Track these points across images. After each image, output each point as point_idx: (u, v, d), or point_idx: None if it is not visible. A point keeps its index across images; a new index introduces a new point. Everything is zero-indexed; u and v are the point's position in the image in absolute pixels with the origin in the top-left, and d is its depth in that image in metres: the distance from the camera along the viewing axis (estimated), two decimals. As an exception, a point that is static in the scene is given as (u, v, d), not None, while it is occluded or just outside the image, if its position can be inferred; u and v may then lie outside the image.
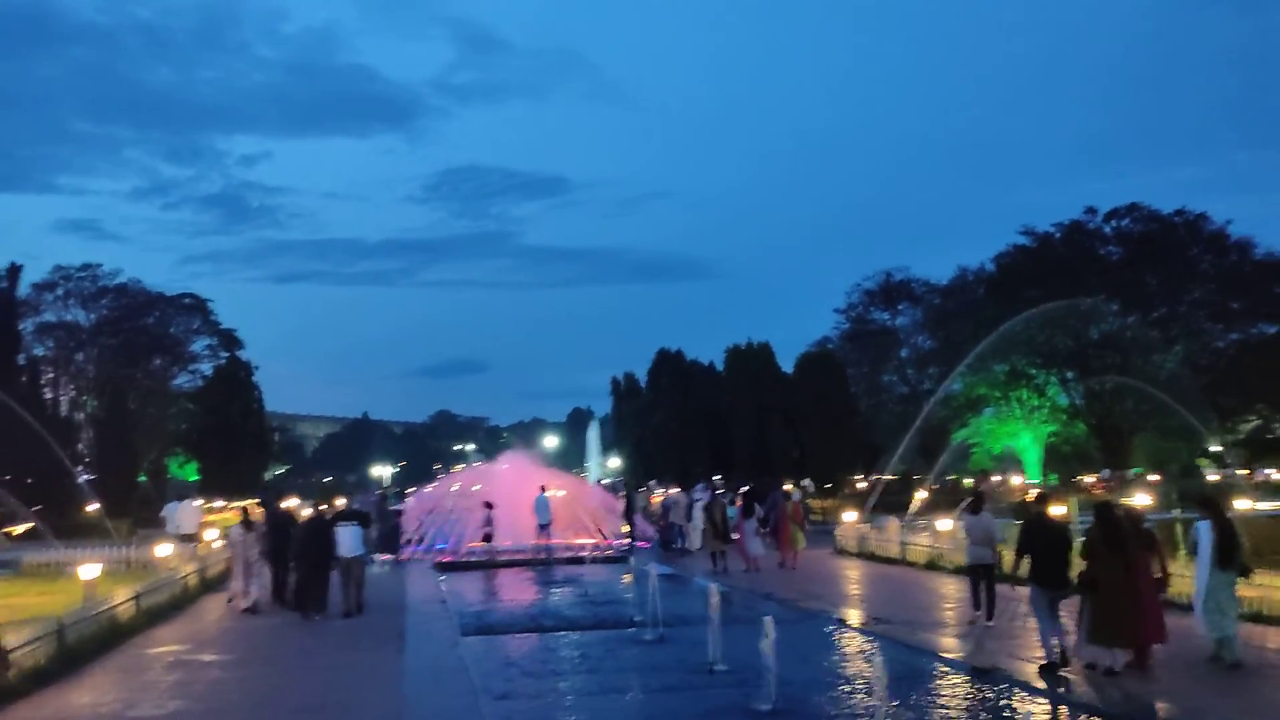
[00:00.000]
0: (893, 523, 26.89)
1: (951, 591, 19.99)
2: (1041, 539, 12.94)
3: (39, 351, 62.44)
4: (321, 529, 19.11)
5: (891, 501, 39.71)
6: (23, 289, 61.22)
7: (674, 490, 32.99)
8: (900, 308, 69.78)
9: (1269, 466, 69.36)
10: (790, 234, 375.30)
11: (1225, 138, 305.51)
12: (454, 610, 19.31)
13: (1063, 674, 12.12)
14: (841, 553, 27.98)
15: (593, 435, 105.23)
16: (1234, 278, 62.85)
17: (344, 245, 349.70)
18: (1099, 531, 12.55)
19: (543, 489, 30.85)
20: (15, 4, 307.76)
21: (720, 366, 68.33)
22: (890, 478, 75.65)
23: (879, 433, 69.03)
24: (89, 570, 17.76)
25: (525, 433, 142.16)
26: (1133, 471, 61.98)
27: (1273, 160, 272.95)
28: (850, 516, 29.42)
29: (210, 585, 23.70)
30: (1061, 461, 65.99)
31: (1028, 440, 66.06)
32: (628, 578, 24.47)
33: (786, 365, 66.85)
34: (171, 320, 71.65)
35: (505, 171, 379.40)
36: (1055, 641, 12.62)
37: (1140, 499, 28.34)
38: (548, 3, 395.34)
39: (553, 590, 23.41)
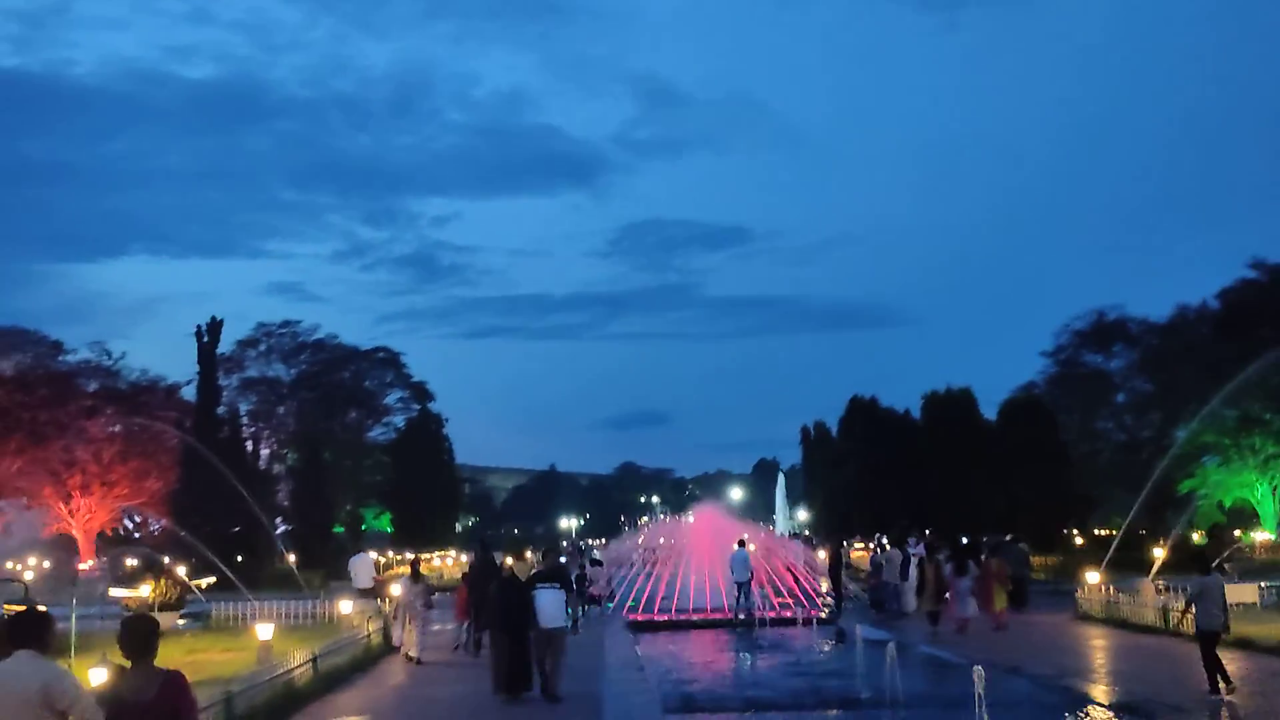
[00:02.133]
0: (1147, 585, 23.49)
1: (1238, 670, 16.75)
2: None
3: (243, 406, 63.94)
4: (520, 592, 15.33)
5: (1122, 559, 35.85)
6: (228, 346, 63.07)
7: (885, 545, 30.09)
8: (1115, 349, 64.71)
9: None
10: (985, 276, 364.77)
11: None
12: (653, 680, 17.16)
13: None
14: (1085, 618, 24.62)
15: (780, 487, 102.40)
16: None
17: (531, 301, 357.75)
18: None
19: (740, 543, 28.54)
20: (227, 83, 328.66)
21: (917, 414, 64.70)
22: (1104, 533, 70.44)
23: (1093, 483, 64.04)
24: (264, 630, 16.36)
25: (710, 485, 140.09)
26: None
27: None
28: (1093, 577, 26.01)
29: (395, 646, 22.28)
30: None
31: (1264, 491, 60.12)
32: (835, 643, 22.00)
33: (988, 412, 62.74)
34: (366, 374, 72.68)
35: (687, 223, 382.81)
36: None
37: None
38: (726, 54, 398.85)
39: (759, 656, 21.04)
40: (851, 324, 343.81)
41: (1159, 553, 35.24)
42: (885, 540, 32.65)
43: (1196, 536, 55.79)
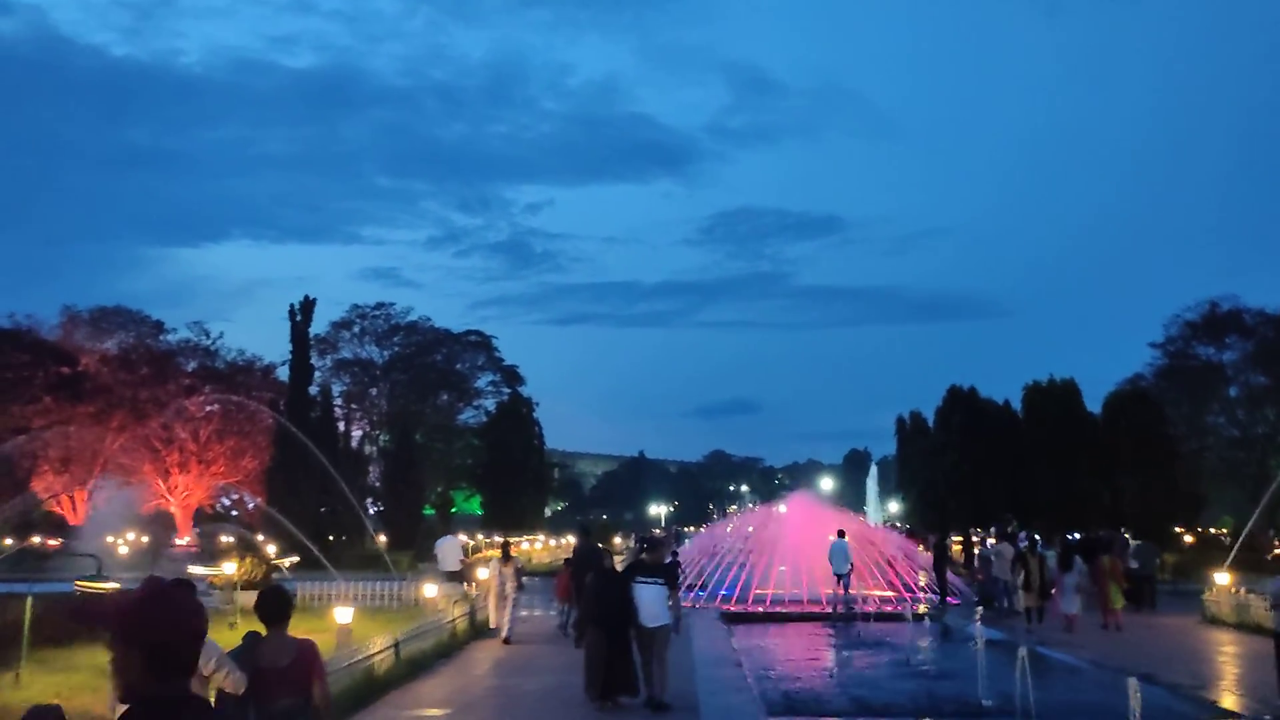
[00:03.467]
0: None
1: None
2: None
3: (336, 387, 64.05)
4: (619, 586, 13.74)
5: (1245, 560, 33.60)
6: (322, 328, 63.18)
7: (994, 539, 28.35)
8: (1228, 340, 61.56)
9: None
10: (1088, 266, 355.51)
11: None
12: (753, 678, 15.91)
13: None
14: (1213, 621, 22.77)
15: (872, 478, 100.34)
16: None
17: (622, 288, 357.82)
18: None
19: (840, 533, 27.09)
20: (326, 72, 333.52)
21: (1017, 406, 62.24)
22: (1214, 532, 67.27)
23: (1202, 480, 61.05)
24: (344, 613, 15.45)
25: (800, 474, 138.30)
26: None
27: None
28: (1222, 578, 24.07)
29: (481, 630, 21.35)
30: None
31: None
32: (942, 641, 20.54)
33: (1093, 405, 60.07)
34: (458, 357, 72.44)
35: (779, 212, 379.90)
36: None
37: None
38: (819, 42, 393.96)
39: (863, 654, 19.65)
40: (945, 315, 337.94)
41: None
42: (996, 534, 30.74)
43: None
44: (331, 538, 45.37)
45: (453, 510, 73.09)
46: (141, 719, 2.48)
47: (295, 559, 33.55)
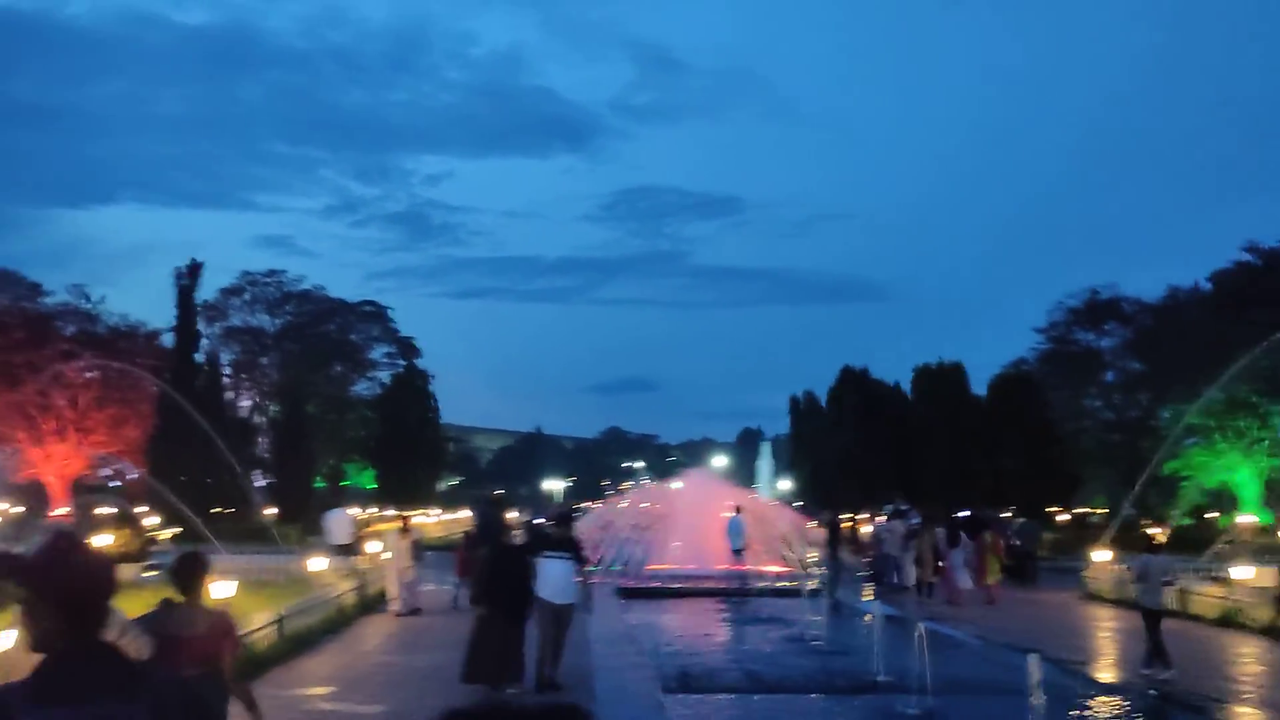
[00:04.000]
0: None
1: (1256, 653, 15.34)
2: None
3: (225, 356, 62.03)
4: (518, 560, 12.73)
5: (1122, 539, 34.47)
6: (211, 293, 61.07)
7: (885, 517, 28.56)
8: (1107, 327, 63.35)
9: None
10: (978, 253, 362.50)
11: None
12: (648, 654, 15.62)
13: None
14: (1093, 597, 23.21)
15: (764, 456, 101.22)
16: None
17: (522, 263, 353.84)
18: None
19: (737, 509, 27.01)
20: (220, 30, 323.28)
21: (907, 387, 63.31)
22: (1087, 512, 69.33)
23: (1080, 462, 62.85)
24: (224, 588, 14.70)
25: (694, 452, 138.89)
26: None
27: None
28: (1103, 556, 24.58)
29: (370, 605, 20.71)
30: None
31: (1246, 475, 58.95)
32: (836, 617, 20.54)
33: (979, 387, 61.39)
34: (352, 327, 70.79)
35: (680, 191, 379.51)
36: None
37: None
38: (725, 23, 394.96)
39: (759, 629, 19.53)
40: (840, 298, 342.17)
41: (1156, 532, 33.92)
42: (888, 511, 30.98)
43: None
44: (218, 510, 43.90)
45: (345, 483, 71.68)
46: (53, 668, 2.54)
47: (177, 531, 32.30)
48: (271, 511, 46.90)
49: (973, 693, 12.90)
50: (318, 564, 21.54)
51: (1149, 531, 17.87)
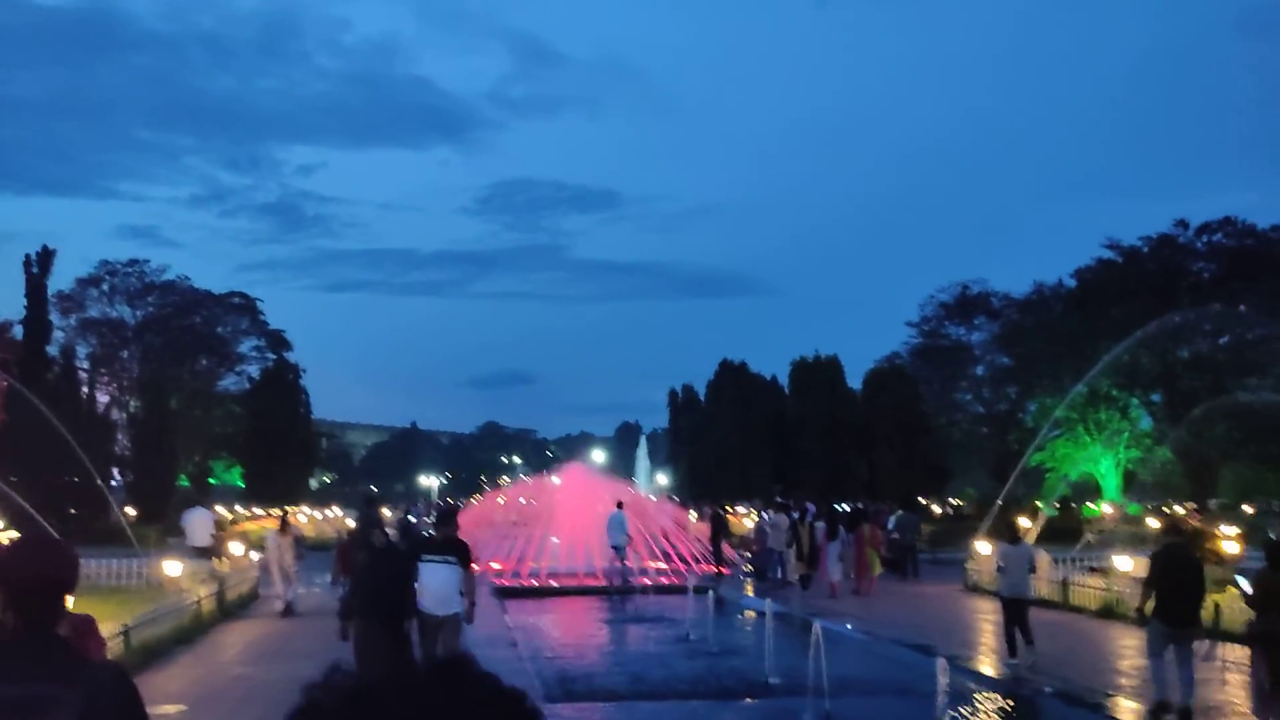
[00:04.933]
0: (1043, 557, 21.98)
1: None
2: (1169, 571, 11.27)
3: (82, 349, 58.70)
4: (396, 567, 11.08)
5: (996, 530, 34.86)
6: (67, 283, 57.74)
7: (769, 511, 28.08)
8: (977, 322, 64.54)
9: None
10: (853, 248, 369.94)
11: None
12: (528, 659, 14.72)
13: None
14: (974, 589, 23.08)
15: (642, 450, 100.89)
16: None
17: (397, 255, 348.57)
18: (1273, 573, 10.30)
19: (619, 505, 26.22)
20: (80, 12, 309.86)
21: (784, 381, 63.55)
22: (957, 503, 70.71)
23: (950, 454, 63.96)
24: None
25: (572, 446, 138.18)
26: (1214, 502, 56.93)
27: None
28: (984, 547, 24.53)
29: (231, 610, 19.31)
30: (1142, 490, 60.67)
31: (1107, 466, 60.74)
32: (721, 614, 19.92)
33: (855, 381, 61.99)
34: (219, 320, 67.69)
35: (557, 184, 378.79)
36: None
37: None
38: (602, 17, 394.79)
39: (642, 630, 18.80)
40: (718, 292, 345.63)
41: (1025, 523, 34.34)
42: (772, 505, 30.50)
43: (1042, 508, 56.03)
44: (73, 511, 41.37)
45: (211, 481, 68.76)
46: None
47: (14, 534, 30.04)
48: (130, 512, 44.43)
49: (867, 693, 12.33)
50: (173, 568, 20.02)
51: (1014, 522, 17.83)
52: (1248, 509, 55.70)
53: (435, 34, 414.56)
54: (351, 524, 39.57)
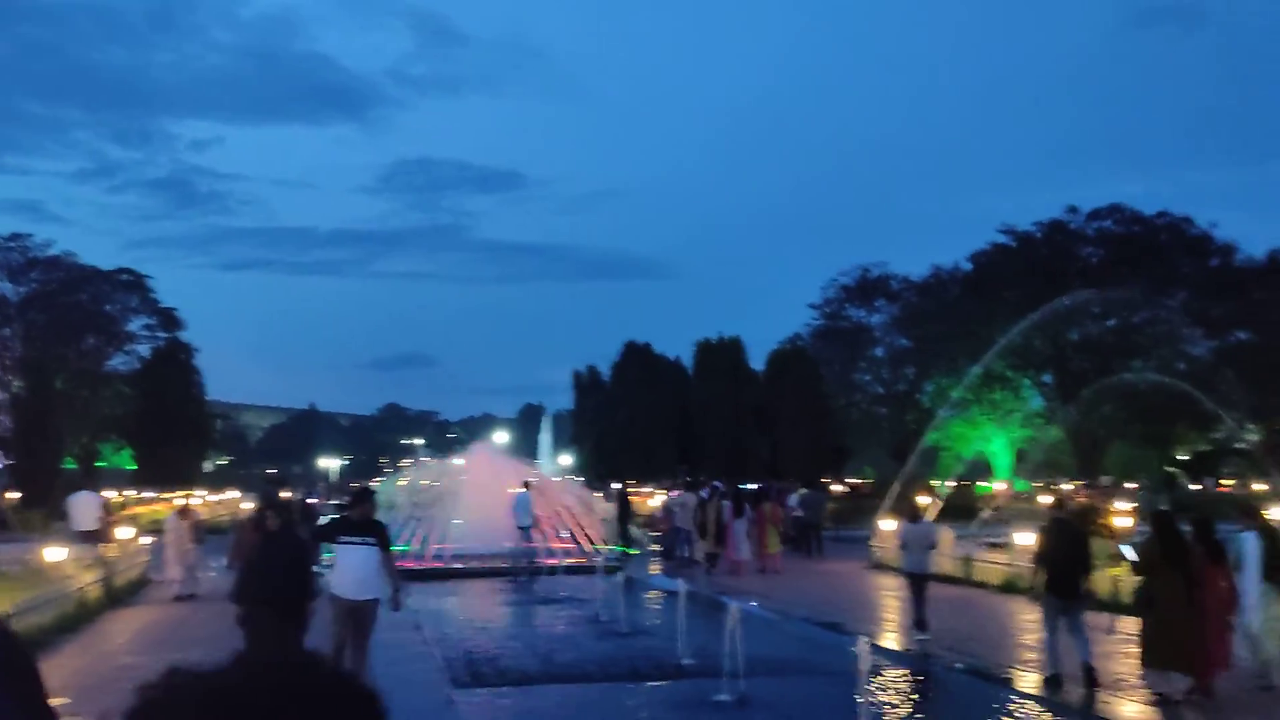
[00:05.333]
0: (946, 533, 22.17)
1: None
2: (1057, 545, 11.68)
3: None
4: (290, 549, 10.34)
5: (900, 508, 35.28)
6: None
7: (677, 491, 27.89)
8: (877, 304, 65.37)
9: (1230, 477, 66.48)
10: (756, 230, 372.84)
11: (1205, 149, 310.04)
12: (434, 643, 14.26)
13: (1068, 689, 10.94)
14: (878, 566, 23.22)
15: (546, 431, 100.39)
16: (1215, 283, 59.49)
17: (294, 234, 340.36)
18: (1158, 544, 10.96)
19: (526, 485, 25.77)
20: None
21: (688, 362, 63.61)
22: (861, 481, 71.70)
23: (850, 434, 64.76)
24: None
25: (475, 428, 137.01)
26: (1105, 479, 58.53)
27: (1243, 174, 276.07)
28: (889, 525, 24.66)
29: (119, 597, 18.46)
30: (1032, 468, 62.19)
31: (999, 445, 62.11)
32: (630, 594, 19.65)
33: (758, 363, 62.36)
34: (107, 297, 65.07)
35: (460, 164, 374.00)
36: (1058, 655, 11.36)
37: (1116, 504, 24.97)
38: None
39: (552, 611, 18.41)
40: (622, 274, 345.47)
41: (925, 501, 34.79)
42: (681, 484, 30.35)
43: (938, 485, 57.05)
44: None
45: (99, 464, 66.35)
46: None
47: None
48: (13, 496, 42.65)
49: (781, 673, 12.14)
50: (56, 553, 18.98)
51: (915, 501, 18.25)
52: (1131, 486, 57.51)
53: (335, 10, 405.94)
54: (247, 507, 38.48)
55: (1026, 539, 19.57)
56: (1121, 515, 21.83)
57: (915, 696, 11.53)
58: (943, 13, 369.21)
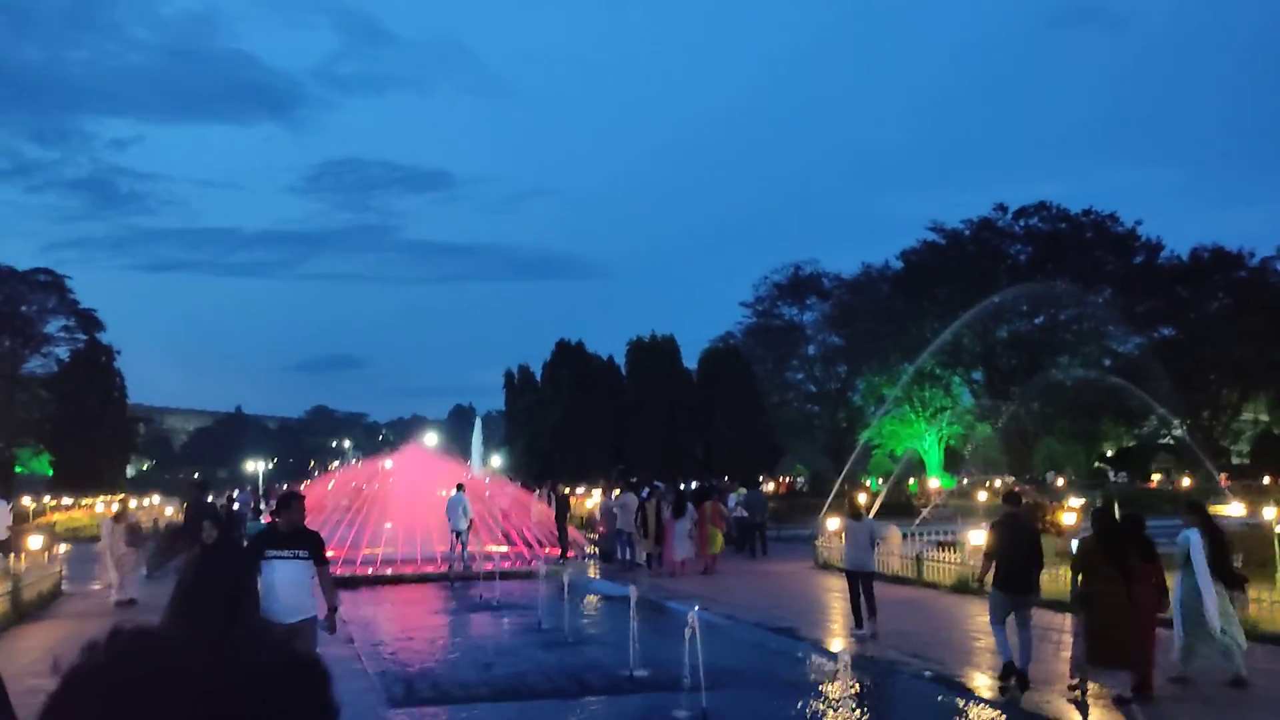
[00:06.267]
0: (894, 532, 21.64)
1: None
2: (1008, 541, 11.52)
3: None
4: (233, 565, 9.38)
5: (837, 507, 34.78)
6: None
7: (618, 492, 26.98)
8: (809, 302, 65.18)
9: (1157, 472, 67.50)
10: (687, 229, 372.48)
11: (1126, 149, 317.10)
12: (368, 658, 13.27)
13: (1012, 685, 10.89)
14: (825, 566, 22.59)
15: (477, 433, 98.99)
16: (1139, 281, 60.23)
17: (220, 235, 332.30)
18: (1096, 541, 10.68)
19: (459, 487, 24.76)
20: None
21: (621, 361, 62.76)
22: (793, 479, 71.46)
23: (783, 432, 64.39)
24: None
25: (404, 430, 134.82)
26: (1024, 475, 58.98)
27: (1165, 173, 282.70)
28: (834, 524, 24.07)
29: (27, 611, 17.15)
30: (960, 464, 62.45)
31: (931, 442, 62.21)
32: (571, 600, 18.77)
33: (691, 361, 61.74)
34: (23, 298, 62.65)
35: (388, 164, 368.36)
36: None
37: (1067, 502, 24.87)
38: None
39: (493, 619, 17.45)
40: (554, 274, 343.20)
41: (862, 499, 34.39)
42: (621, 484, 29.42)
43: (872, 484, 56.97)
44: None
45: (16, 469, 63.83)
46: None
47: None
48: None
49: (739, 685, 11.37)
50: (-44, 567, 17.65)
51: (856, 498, 17.90)
52: (1060, 481, 57.94)
53: (258, 8, 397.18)
54: (170, 512, 36.87)
55: (978, 537, 19.11)
56: (1070, 512, 21.43)
57: (883, 709, 10.84)
58: (870, 14, 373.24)
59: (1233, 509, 26.80)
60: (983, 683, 11.39)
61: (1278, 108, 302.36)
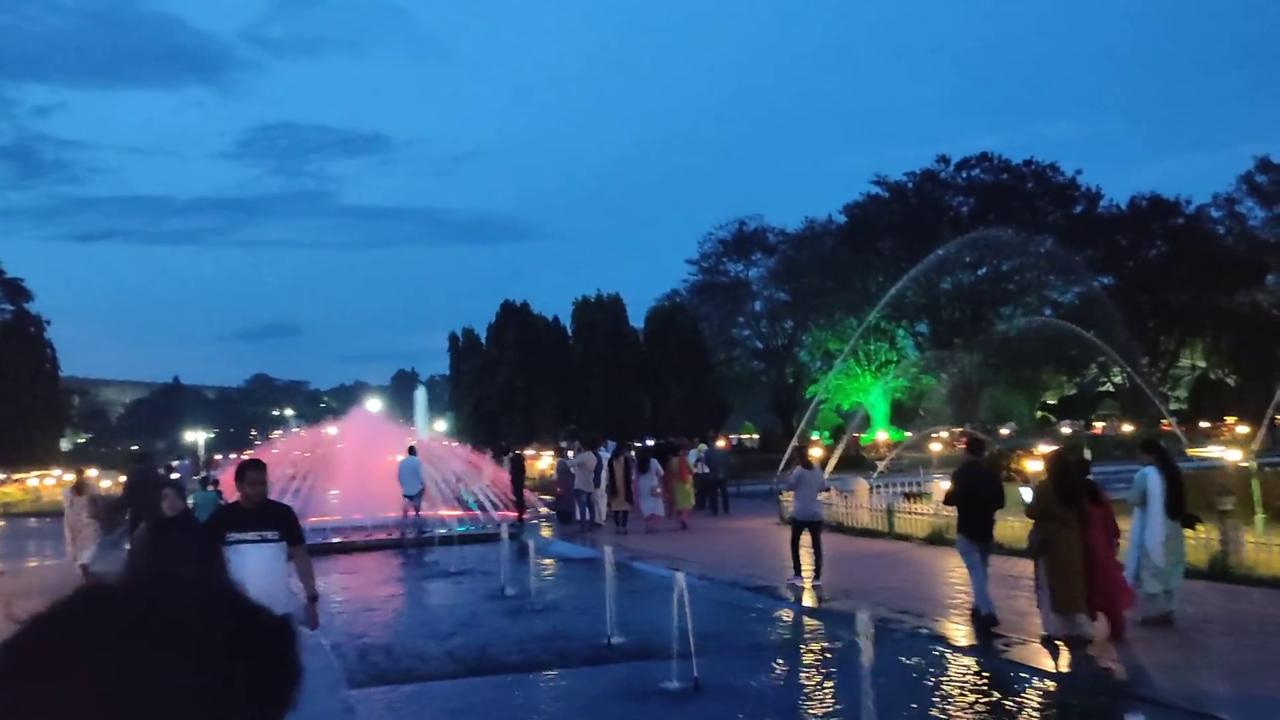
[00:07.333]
0: (861, 484, 21.02)
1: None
2: (969, 487, 11.58)
3: None
4: (196, 543, 8.09)
5: (792, 461, 34.24)
6: None
7: (575, 450, 26.01)
8: (754, 258, 64.44)
9: (1103, 419, 68.14)
10: (630, 188, 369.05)
11: (1064, 100, 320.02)
12: (322, 632, 12.26)
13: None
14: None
15: (420, 397, 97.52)
16: (1079, 230, 60.31)
17: (151, 203, 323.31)
18: (1052, 485, 10.51)
19: (411, 450, 23.73)
20: None
21: (567, 321, 61.71)
22: (743, 436, 71.07)
23: (731, 389, 63.85)
24: None
25: (347, 396, 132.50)
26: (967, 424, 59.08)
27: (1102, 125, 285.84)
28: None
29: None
30: (906, 417, 62.41)
31: (877, 395, 62.00)
32: (531, 563, 17.90)
33: (638, 320, 60.84)
34: (-56, 269, 60.17)
35: (322, 128, 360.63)
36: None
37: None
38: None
39: (453, 586, 16.51)
40: (494, 236, 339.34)
41: (816, 454, 33.86)
42: (578, 444, 28.46)
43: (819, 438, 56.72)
44: None
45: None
46: None
47: None
48: None
49: (726, 650, 10.52)
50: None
51: (806, 448, 17.61)
52: (1004, 431, 58.07)
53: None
54: (106, 486, 35.34)
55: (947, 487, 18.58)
56: (1035, 459, 20.94)
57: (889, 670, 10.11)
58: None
59: (1211, 450, 26.60)
60: (978, 638, 10.71)
61: (1214, 57, 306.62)
